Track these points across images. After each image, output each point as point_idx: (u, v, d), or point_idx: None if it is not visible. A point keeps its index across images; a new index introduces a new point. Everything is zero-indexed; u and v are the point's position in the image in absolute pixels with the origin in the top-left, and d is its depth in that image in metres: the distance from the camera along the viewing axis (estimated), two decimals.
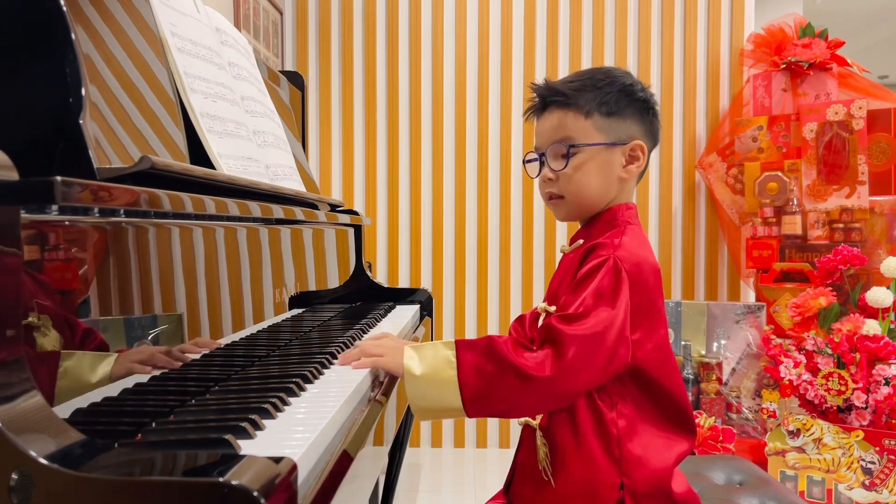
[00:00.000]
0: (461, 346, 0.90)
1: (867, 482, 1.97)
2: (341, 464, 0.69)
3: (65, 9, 0.79)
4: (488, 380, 0.87)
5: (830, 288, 2.24)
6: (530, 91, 1.05)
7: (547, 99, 1.02)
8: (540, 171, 1.03)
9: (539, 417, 0.99)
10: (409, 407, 0.93)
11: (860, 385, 1.99)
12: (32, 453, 0.48)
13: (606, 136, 0.99)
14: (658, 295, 0.96)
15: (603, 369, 0.89)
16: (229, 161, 1.13)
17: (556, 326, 0.87)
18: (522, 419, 1.02)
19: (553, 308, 0.97)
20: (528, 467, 1.00)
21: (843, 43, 2.56)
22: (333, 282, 1.65)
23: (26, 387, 0.53)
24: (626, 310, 0.89)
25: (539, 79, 1.06)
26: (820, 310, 2.23)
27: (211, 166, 1.08)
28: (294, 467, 0.54)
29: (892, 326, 2.10)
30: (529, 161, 1.05)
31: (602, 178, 1.00)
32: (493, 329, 2.88)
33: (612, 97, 0.99)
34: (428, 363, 0.90)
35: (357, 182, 2.90)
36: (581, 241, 1.01)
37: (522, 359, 0.86)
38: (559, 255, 1.08)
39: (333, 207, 1.83)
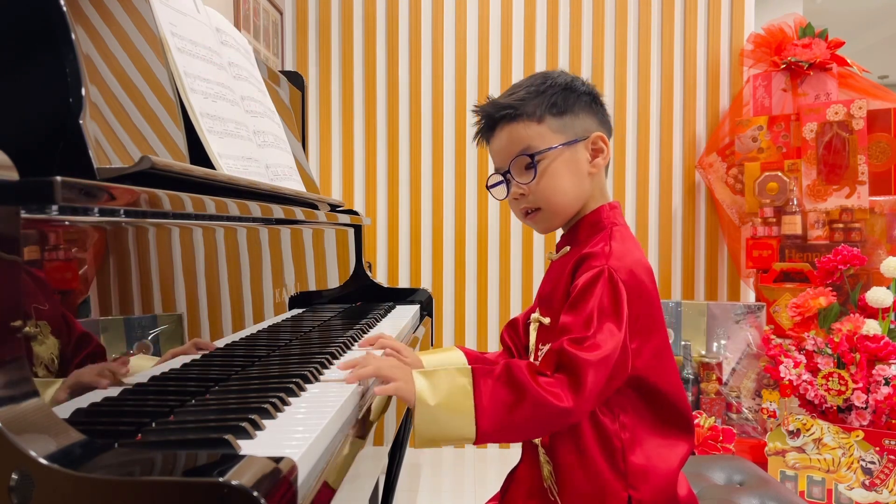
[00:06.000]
0: (478, 373, 0.86)
1: (867, 482, 1.97)
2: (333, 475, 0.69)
3: (65, 9, 0.79)
4: (508, 410, 0.83)
5: (830, 288, 2.24)
6: (474, 115, 1.03)
7: (494, 116, 1.00)
8: (508, 191, 1.00)
9: None
10: (409, 407, 0.93)
11: (860, 385, 1.99)
12: (32, 453, 0.48)
13: (564, 135, 0.97)
14: (654, 298, 0.94)
15: (608, 387, 0.87)
16: (229, 161, 1.13)
17: (571, 352, 0.84)
18: None
19: (547, 320, 0.96)
20: (531, 482, 0.98)
21: (843, 43, 2.56)
22: (333, 282, 1.65)
23: (26, 387, 0.53)
24: (628, 324, 0.87)
25: (481, 100, 1.04)
26: (820, 310, 2.23)
27: (211, 166, 1.08)
28: (294, 467, 0.54)
29: (892, 326, 2.10)
30: (494, 185, 1.01)
31: (573, 178, 0.97)
32: (493, 329, 2.88)
33: (558, 97, 0.97)
34: (442, 393, 0.85)
35: (357, 182, 2.90)
36: (568, 248, 0.99)
37: (542, 388, 0.82)
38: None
39: (333, 207, 1.83)
